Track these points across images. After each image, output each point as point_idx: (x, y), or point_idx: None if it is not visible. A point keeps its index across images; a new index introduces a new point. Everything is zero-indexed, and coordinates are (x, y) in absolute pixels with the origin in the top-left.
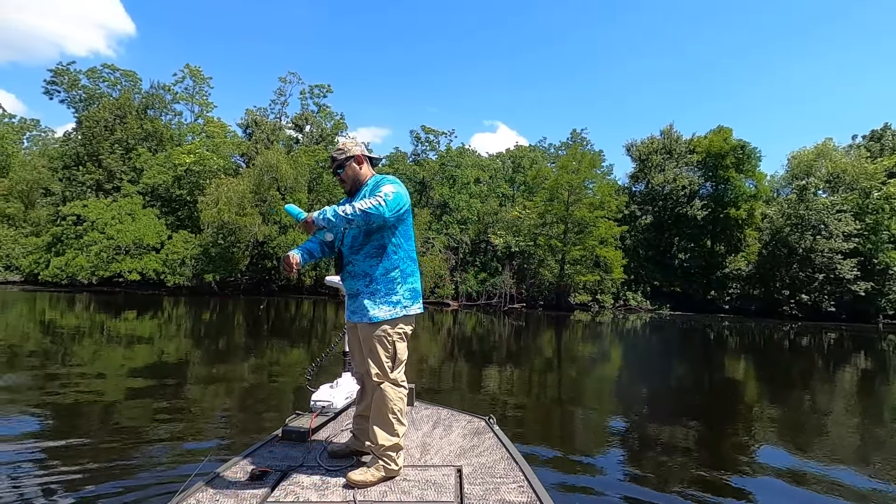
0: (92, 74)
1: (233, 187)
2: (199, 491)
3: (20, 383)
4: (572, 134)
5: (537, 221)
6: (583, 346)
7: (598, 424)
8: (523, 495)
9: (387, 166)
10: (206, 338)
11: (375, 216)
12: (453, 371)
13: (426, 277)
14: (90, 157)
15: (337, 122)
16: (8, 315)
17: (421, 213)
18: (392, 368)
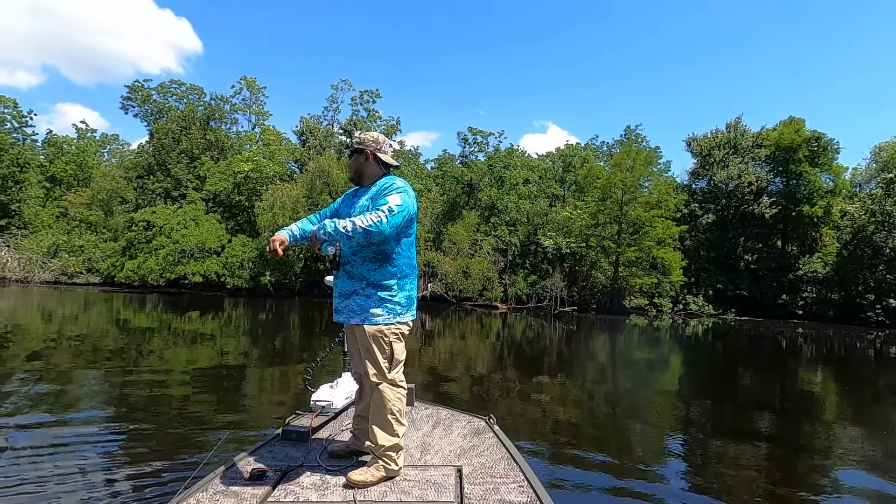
0: (161, 90)
1: (287, 193)
2: (199, 491)
3: (81, 375)
4: (626, 130)
5: (589, 222)
6: (639, 351)
7: (655, 436)
8: (523, 495)
9: (435, 169)
10: (261, 337)
11: (375, 233)
12: (503, 377)
13: (474, 280)
14: (159, 166)
15: (390, 126)
16: (90, 314)
17: (469, 214)
18: (389, 369)
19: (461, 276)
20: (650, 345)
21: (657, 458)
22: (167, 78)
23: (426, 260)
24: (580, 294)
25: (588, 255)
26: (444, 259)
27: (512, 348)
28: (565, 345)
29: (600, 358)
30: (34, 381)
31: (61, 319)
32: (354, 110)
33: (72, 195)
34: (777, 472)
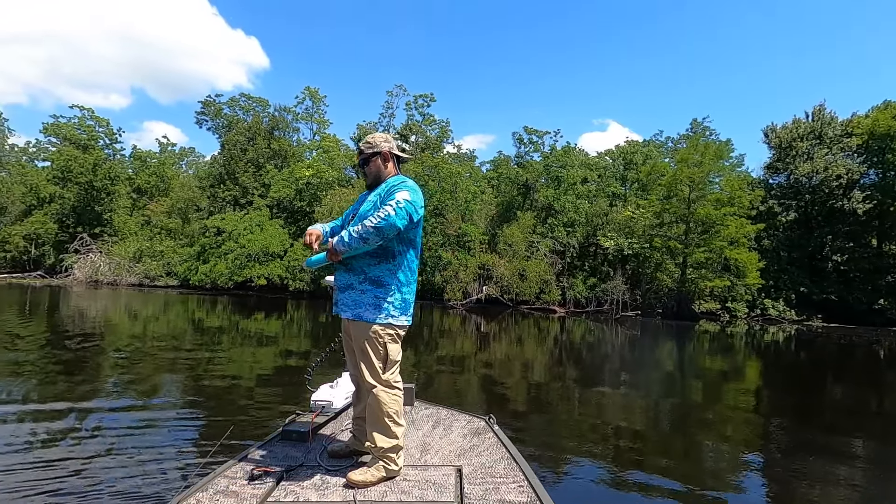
0: (231, 103)
1: (344, 197)
2: (199, 491)
3: (146, 369)
4: (692, 124)
5: (653, 221)
6: (710, 360)
7: (729, 454)
8: (523, 495)
9: (491, 171)
10: (322, 339)
11: (387, 229)
12: (562, 385)
13: (531, 282)
14: (229, 175)
15: (442, 129)
16: (168, 314)
17: (524, 216)
18: (384, 370)
19: (517, 279)
20: (723, 353)
21: (729, 475)
22: (238, 93)
23: (481, 262)
24: (644, 297)
25: (652, 257)
26: (499, 261)
27: (571, 353)
28: (628, 351)
29: (666, 365)
30: (100, 372)
31: (144, 319)
32: (409, 115)
33: (154, 204)
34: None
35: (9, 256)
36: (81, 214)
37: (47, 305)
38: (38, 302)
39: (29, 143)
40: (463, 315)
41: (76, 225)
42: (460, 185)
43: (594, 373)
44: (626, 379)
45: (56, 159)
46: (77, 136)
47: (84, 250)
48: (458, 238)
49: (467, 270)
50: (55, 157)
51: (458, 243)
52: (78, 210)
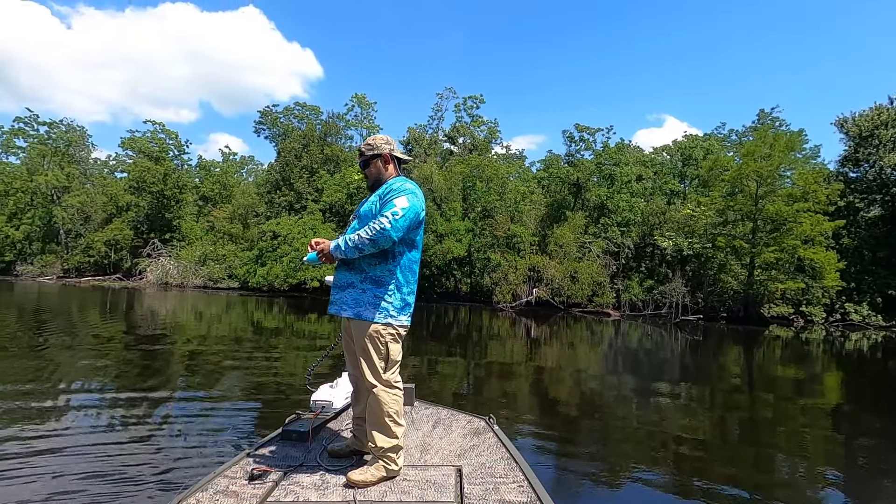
0: (286, 112)
1: None
2: (199, 491)
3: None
4: (760, 115)
5: (716, 219)
6: (783, 368)
7: (806, 472)
8: (523, 495)
9: (541, 171)
10: None
11: (383, 241)
12: (616, 392)
13: (583, 284)
14: (284, 181)
15: (490, 130)
16: (230, 315)
17: (576, 216)
18: (385, 369)
19: (568, 281)
20: (798, 361)
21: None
22: (293, 103)
23: (531, 264)
24: (706, 301)
25: (715, 257)
26: (549, 263)
27: (626, 359)
28: (689, 357)
29: (732, 373)
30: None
31: (207, 319)
32: (458, 117)
33: (217, 211)
34: None
35: (92, 261)
36: (153, 221)
37: (124, 306)
38: (117, 302)
39: (109, 156)
40: (512, 318)
41: (149, 231)
42: (509, 186)
43: (652, 379)
44: (686, 386)
45: (132, 171)
46: (150, 148)
47: (155, 255)
48: (507, 239)
49: (517, 272)
50: (131, 168)
51: (507, 245)
52: (150, 217)
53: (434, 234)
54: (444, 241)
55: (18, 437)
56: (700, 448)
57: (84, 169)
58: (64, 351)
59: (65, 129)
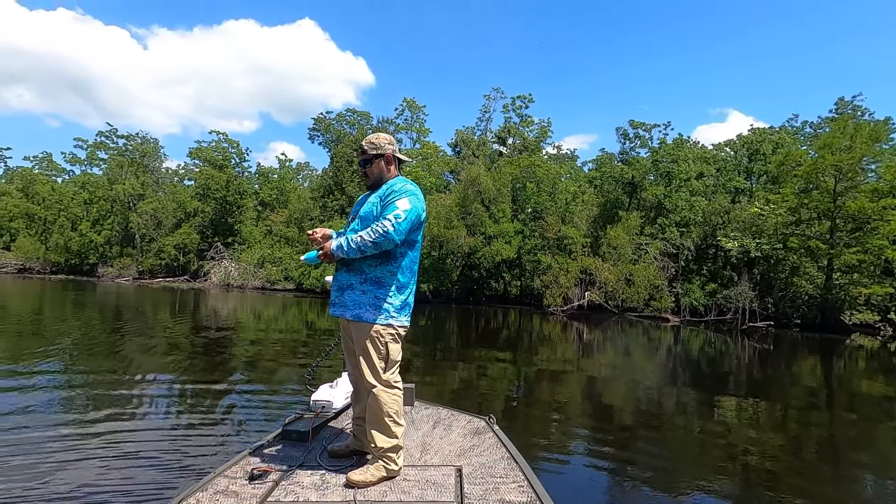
0: (339, 119)
1: (441, 202)
2: (199, 491)
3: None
4: (838, 104)
5: (787, 218)
6: (868, 382)
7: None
8: (523, 495)
9: (593, 171)
10: (420, 341)
11: (385, 244)
12: (676, 401)
13: (639, 288)
14: (336, 186)
15: (542, 129)
16: (286, 315)
17: (630, 216)
18: (385, 370)
19: (623, 284)
20: (887, 374)
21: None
22: (349, 114)
23: (583, 266)
24: (777, 306)
25: (787, 259)
26: (602, 265)
27: (687, 367)
28: (758, 366)
29: (808, 386)
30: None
31: (266, 319)
32: (507, 117)
33: (274, 215)
34: None
35: (163, 263)
36: (217, 226)
37: (191, 306)
38: (185, 302)
39: (179, 165)
40: (563, 322)
41: (213, 235)
42: (559, 186)
43: (715, 390)
44: (754, 399)
45: (198, 178)
46: (214, 157)
47: (218, 257)
48: (557, 241)
49: (568, 275)
50: (197, 176)
51: (558, 246)
52: (214, 222)
53: (483, 235)
54: (493, 243)
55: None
56: (766, 463)
57: (157, 178)
58: (134, 347)
59: (140, 141)
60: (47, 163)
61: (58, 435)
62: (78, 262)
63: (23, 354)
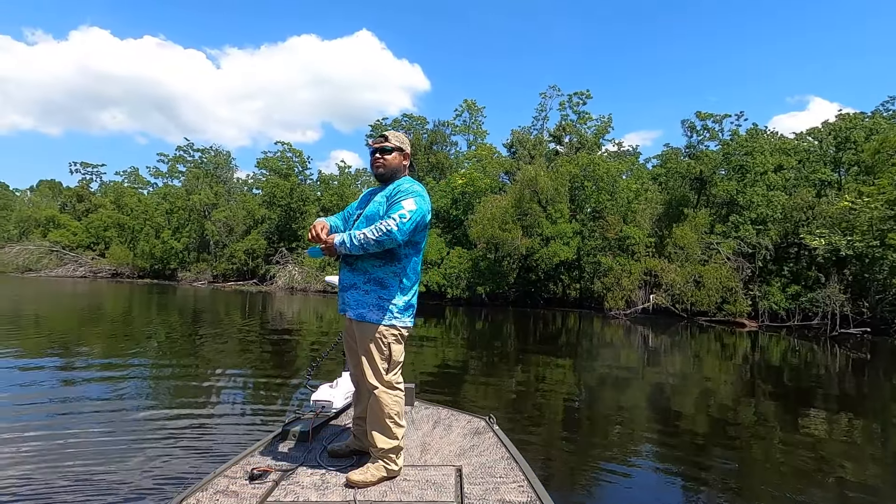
0: (394, 124)
1: (496, 204)
2: (199, 491)
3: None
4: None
5: (885, 212)
6: None
7: None
8: (523, 495)
9: (657, 167)
10: (479, 346)
11: (388, 243)
12: (755, 411)
13: (710, 290)
14: None
15: (601, 125)
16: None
17: (699, 214)
18: (388, 370)
19: (692, 286)
20: None
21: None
22: (405, 119)
23: (647, 268)
24: (874, 311)
25: (885, 258)
26: (669, 266)
27: (767, 377)
28: (852, 379)
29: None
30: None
31: (328, 320)
32: (563, 115)
33: None
34: None
35: (234, 267)
36: (282, 231)
37: (259, 307)
38: (254, 304)
39: (248, 175)
40: (626, 326)
41: (279, 241)
42: (620, 185)
43: (801, 403)
44: (850, 414)
45: (264, 187)
46: (279, 166)
47: (283, 262)
48: (619, 241)
49: (631, 277)
50: (264, 185)
51: (620, 247)
52: (280, 228)
53: (540, 237)
54: (551, 244)
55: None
56: (864, 488)
57: (229, 188)
58: (208, 345)
59: (213, 153)
60: (134, 176)
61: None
62: (161, 267)
63: (116, 350)
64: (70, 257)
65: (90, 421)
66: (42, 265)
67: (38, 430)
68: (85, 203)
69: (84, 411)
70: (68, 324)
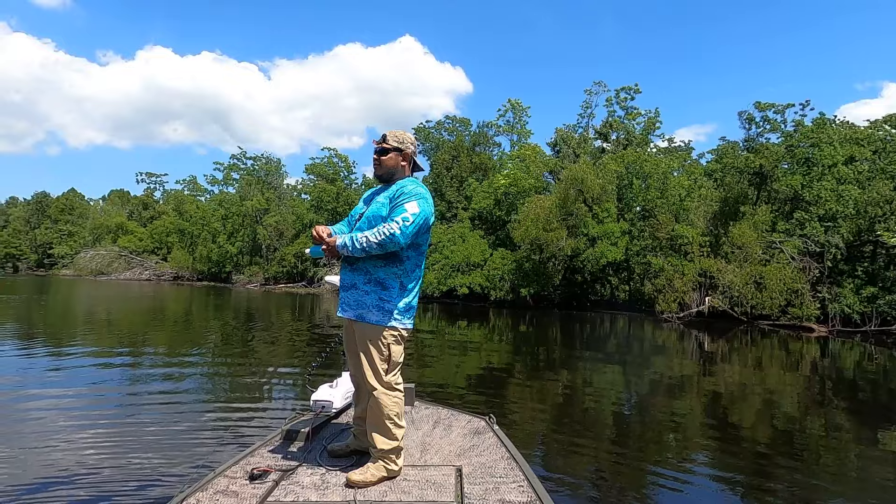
0: (438, 127)
1: (541, 204)
2: (199, 490)
3: None
4: None
5: None
6: None
7: None
8: (523, 495)
9: (711, 162)
10: (520, 349)
11: (390, 246)
12: (823, 428)
13: (772, 292)
14: (436, 192)
15: (650, 120)
16: None
17: (759, 210)
18: (387, 371)
19: (752, 288)
20: None
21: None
22: (448, 121)
23: (702, 268)
24: None
25: None
26: (726, 267)
27: (840, 387)
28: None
29: None
30: None
31: None
32: (610, 111)
33: None
34: None
35: (285, 270)
36: None
37: (308, 309)
38: (303, 305)
39: (297, 181)
40: (680, 330)
41: None
42: (671, 182)
43: (881, 417)
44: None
45: (312, 192)
46: (326, 172)
47: (330, 264)
48: (670, 241)
49: (684, 278)
50: (312, 190)
51: (671, 247)
52: None
53: (585, 237)
54: (598, 244)
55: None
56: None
57: (279, 193)
58: (260, 344)
59: (265, 161)
60: (193, 184)
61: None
62: (217, 270)
63: (178, 346)
64: (136, 261)
65: (156, 413)
66: (112, 269)
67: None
68: (149, 210)
69: (145, 403)
70: (137, 324)
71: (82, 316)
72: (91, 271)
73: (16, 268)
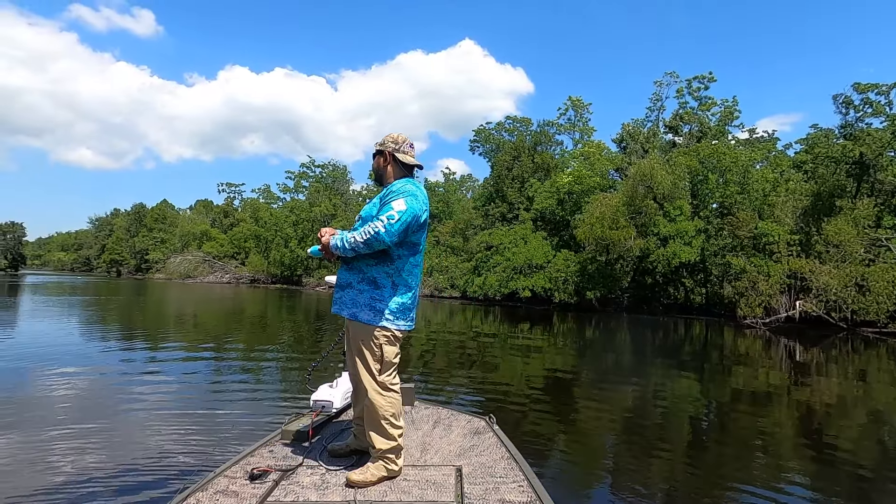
0: (498, 128)
1: (606, 202)
2: (199, 490)
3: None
4: None
5: None
6: None
7: None
8: (523, 495)
9: (801, 153)
10: (587, 357)
11: (376, 244)
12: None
13: (878, 296)
14: (497, 193)
15: (727, 110)
16: (453, 321)
17: (860, 205)
18: (380, 372)
19: (853, 291)
20: None
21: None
22: (508, 122)
23: (791, 269)
24: None
25: None
26: (820, 268)
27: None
28: None
29: None
30: None
31: (435, 324)
32: (681, 103)
33: (440, 226)
34: None
35: None
36: None
37: None
38: None
39: (362, 187)
40: (765, 337)
41: None
42: (752, 175)
43: None
44: None
45: (374, 196)
46: None
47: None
48: (753, 240)
49: (769, 280)
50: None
51: (754, 246)
52: None
53: (656, 236)
54: (670, 244)
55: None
56: None
57: (345, 199)
58: (326, 342)
59: (332, 168)
60: (267, 193)
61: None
62: (290, 273)
63: (255, 344)
64: (218, 265)
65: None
66: (197, 272)
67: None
68: (229, 218)
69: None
70: (220, 323)
71: (173, 316)
72: (179, 275)
73: (118, 272)
